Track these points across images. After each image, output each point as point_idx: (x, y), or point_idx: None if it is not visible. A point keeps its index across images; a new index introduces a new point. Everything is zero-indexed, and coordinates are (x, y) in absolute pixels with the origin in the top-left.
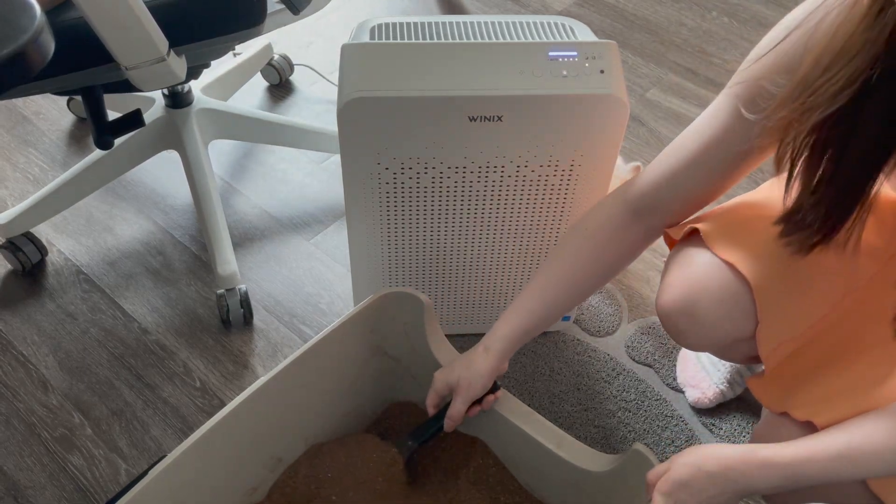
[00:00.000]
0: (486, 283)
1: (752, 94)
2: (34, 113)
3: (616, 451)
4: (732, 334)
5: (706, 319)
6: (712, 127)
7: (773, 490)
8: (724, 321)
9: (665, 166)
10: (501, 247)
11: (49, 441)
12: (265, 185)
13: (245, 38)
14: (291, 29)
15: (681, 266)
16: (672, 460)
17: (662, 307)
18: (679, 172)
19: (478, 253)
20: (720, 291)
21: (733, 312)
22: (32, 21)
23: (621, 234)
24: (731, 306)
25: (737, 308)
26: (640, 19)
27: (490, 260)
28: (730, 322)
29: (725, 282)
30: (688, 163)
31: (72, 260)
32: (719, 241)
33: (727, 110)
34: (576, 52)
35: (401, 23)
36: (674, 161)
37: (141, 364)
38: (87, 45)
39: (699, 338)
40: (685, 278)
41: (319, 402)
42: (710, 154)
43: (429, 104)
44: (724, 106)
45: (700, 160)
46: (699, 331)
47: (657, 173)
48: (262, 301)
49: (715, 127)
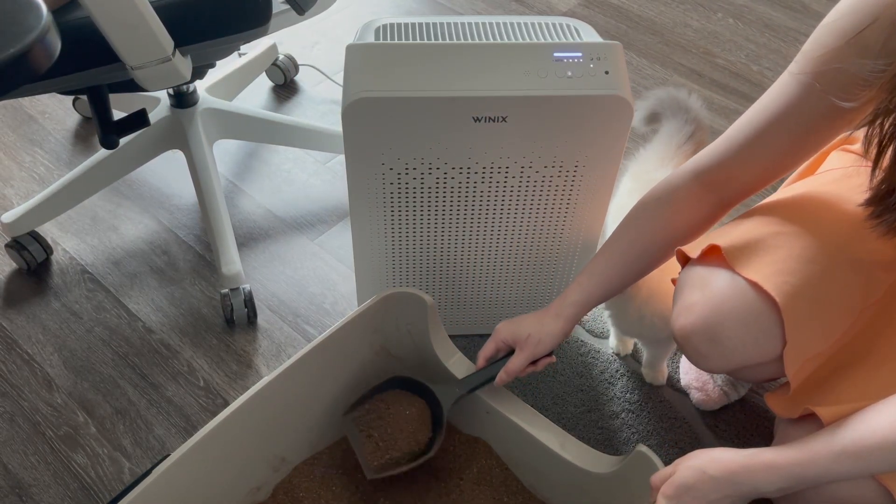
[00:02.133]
0: (489, 284)
1: (831, 76)
2: (40, 112)
3: (619, 453)
4: (756, 358)
5: (730, 343)
6: (780, 102)
7: (778, 492)
8: (748, 345)
9: (733, 140)
10: (505, 247)
11: (53, 439)
12: (270, 184)
13: (250, 38)
14: (296, 29)
15: (699, 287)
16: (676, 463)
17: (682, 331)
18: (748, 144)
19: (481, 253)
20: (745, 314)
21: (758, 335)
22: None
23: (694, 205)
24: (756, 329)
25: (762, 330)
26: (645, 20)
27: (494, 260)
28: (754, 346)
29: (750, 303)
30: (757, 134)
31: (77, 259)
32: (742, 259)
33: (796, 87)
34: (581, 53)
35: (406, 23)
36: (742, 135)
37: (145, 363)
38: (93, 44)
39: (722, 361)
40: (707, 301)
41: (323, 402)
42: (781, 125)
43: (433, 104)
44: (791, 83)
45: (771, 131)
46: (722, 355)
47: (725, 147)
48: (266, 301)
49: (783, 101)
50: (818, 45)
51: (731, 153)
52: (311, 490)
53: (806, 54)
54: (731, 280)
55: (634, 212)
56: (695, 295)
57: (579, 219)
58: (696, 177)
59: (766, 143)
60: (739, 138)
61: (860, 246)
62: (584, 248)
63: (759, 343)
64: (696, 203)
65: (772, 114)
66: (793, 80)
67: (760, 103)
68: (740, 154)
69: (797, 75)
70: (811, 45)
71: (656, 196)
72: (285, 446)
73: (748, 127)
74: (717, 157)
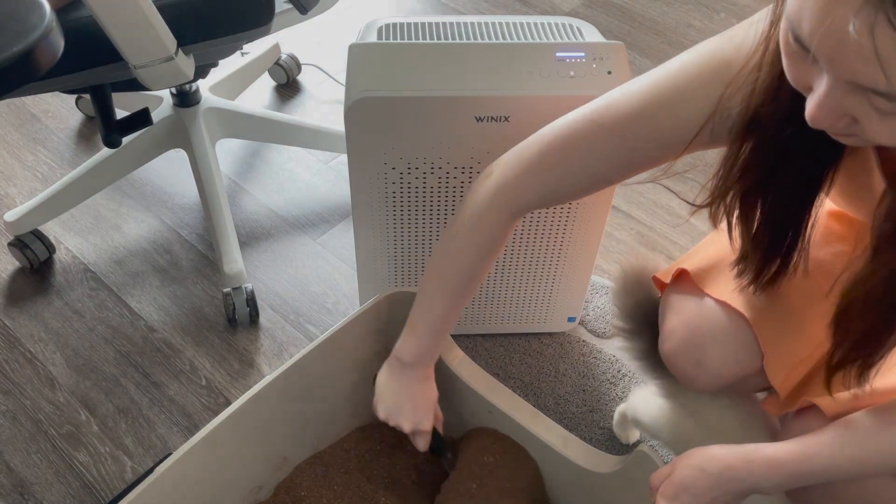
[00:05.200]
0: (490, 284)
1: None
2: (43, 111)
3: (621, 453)
4: (740, 372)
5: (713, 363)
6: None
7: (777, 489)
8: (730, 363)
9: (546, 171)
10: (507, 247)
11: (56, 438)
12: (272, 184)
13: (253, 37)
14: (299, 29)
15: (678, 312)
16: (675, 462)
17: (667, 355)
18: (559, 179)
19: None
20: (722, 333)
21: (738, 351)
22: (42, 20)
23: (503, 232)
24: (735, 346)
25: (740, 346)
26: (648, 20)
27: (495, 261)
28: (735, 362)
29: (724, 322)
30: (569, 171)
31: (79, 258)
32: (709, 280)
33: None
34: (583, 52)
35: (408, 23)
36: (554, 171)
37: (147, 362)
38: (96, 43)
39: (710, 381)
40: (685, 325)
41: (325, 401)
42: (593, 165)
43: (436, 104)
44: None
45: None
46: (709, 375)
47: (538, 180)
48: (269, 300)
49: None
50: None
51: (545, 187)
52: (312, 489)
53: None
54: (702, 302)
55: (445, 245)
56: (673, 320)
57: (581, 217)
58: (509, 211)
59: (577, 181)
60: (553, 172)
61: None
62: (586, 246)
63: (740, 359)
64: (505, 229)
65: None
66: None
67: (570, 131)
68: (553, 189)
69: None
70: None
71: (467, 226)
72: (287, 445)
73: (560, 165)
74: (530, 190)
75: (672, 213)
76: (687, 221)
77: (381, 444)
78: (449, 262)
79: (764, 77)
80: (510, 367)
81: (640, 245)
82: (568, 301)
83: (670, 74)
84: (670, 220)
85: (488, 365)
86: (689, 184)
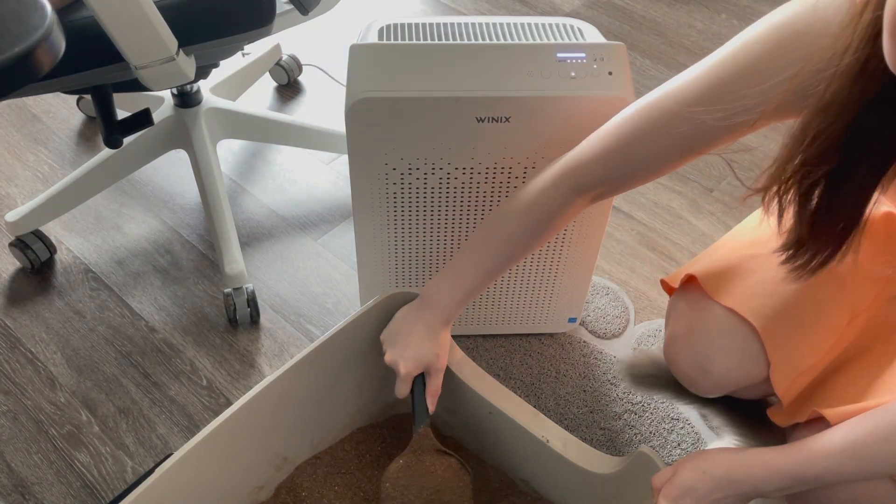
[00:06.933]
0: (491, 285)
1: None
2: (44, 111)
3: (622, 454)
4: (744, 381)
5: (718, 371)
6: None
7: (779, 492)
8: (734, 371)
9: (612, 152)
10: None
11: (56, 438)
12: (273, 184)
13: (254, 38)
14: (300, 29)
15: (684, 317)
16: (677, 464)
17: (671, 360)
18: (629, 162)
19: None
20: (728, 341)
21: (743, 360)
22: (43, 20)
23: (569, 212)
24: (740, 355)
25: (746, 355)
26: (649, 21)
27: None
28: (740, 370)
29: (731, 330)
30: (638, 149)
31: (80, 258)
32: (718, 286)
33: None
34: (584, 53)
35: (409, 23)
36: (621, 152)
37: (148, 362)
38: (98, 44)
39: (714, 387)
40: (691, 331)
41: (325, 402)
42: (667, 143)
43: (436, 105)
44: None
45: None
46: (713, 381)
47: (604, 163)
48: (269, 300)
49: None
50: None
51: (611, 167)
52: (313, 490)
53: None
54: (710, 309)
55: (503, 216)
56: (679, 327)
57: (581, 218)
58: (570, 185)
59: (646, 160)
60: (619, 154)
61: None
62: (587, 247)
63: (746, 367)
64: (565, 204)
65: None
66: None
67: (639, 115)
68: (620, 171)
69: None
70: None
71: (526, 199)
72: (288, 446)
73: (628, 145)
74: (595, 170)
75: (672, 213)
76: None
77: (381, 444)
78: (502, 225)
79: (849, 60)
80: (511, 368)
81: (640, 245)
82: (569, 302)
83: (738, 49)
84: (671, 221)
85: (489, 365)
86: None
